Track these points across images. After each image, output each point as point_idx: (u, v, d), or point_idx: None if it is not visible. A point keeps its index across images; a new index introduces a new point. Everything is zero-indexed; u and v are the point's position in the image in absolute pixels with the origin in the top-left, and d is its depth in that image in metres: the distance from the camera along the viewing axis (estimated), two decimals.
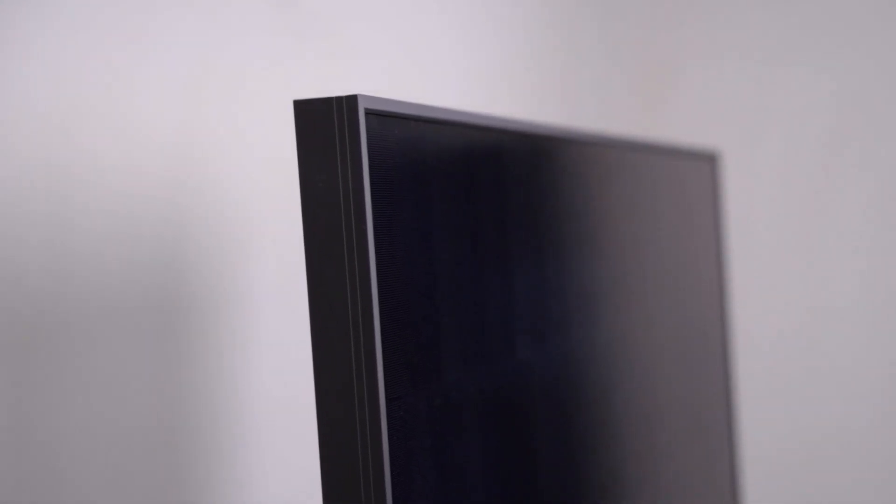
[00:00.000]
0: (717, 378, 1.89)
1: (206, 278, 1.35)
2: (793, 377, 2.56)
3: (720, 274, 1.94)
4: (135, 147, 1.27)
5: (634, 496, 1.47)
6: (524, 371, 1.15)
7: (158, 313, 1.29)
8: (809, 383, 2.55)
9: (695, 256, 1.78)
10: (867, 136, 2.47)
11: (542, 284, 1.21)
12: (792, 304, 2.55)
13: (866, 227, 2.49)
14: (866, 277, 2.49)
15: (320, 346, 0.89)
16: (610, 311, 1.41)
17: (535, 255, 1.20)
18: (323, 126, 0.89)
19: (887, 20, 2.46)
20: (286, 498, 1.44)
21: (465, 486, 1.01)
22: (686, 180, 1.81)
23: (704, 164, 1.90)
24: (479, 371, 1.05)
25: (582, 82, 2.26)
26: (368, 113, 0.90)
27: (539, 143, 1.21)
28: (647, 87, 2.54)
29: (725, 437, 1.91)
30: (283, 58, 1.46)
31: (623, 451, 1.43)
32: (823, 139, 2.50)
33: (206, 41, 1.35)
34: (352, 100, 0.88)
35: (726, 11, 2.57)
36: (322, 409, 0.89)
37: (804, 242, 2.54)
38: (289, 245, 1.47)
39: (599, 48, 2.33)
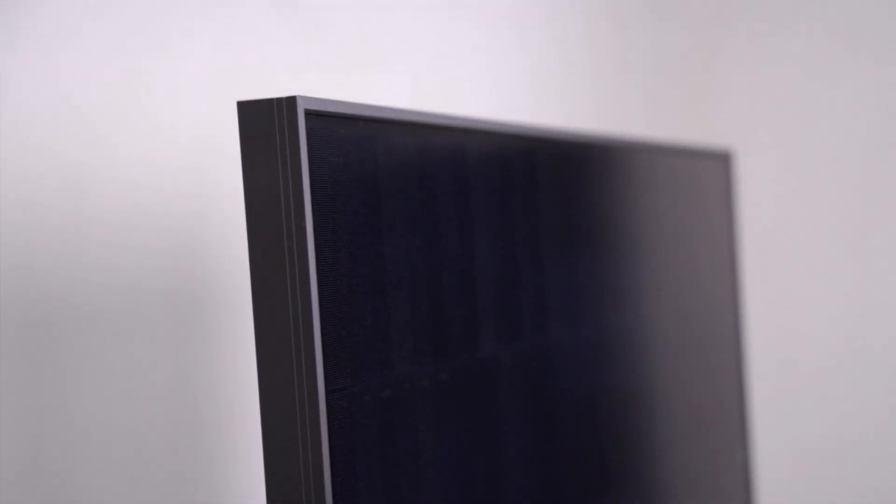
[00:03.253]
0: (729, 377, 1.90)
1: (224, 273, 1.38)
2: (805, 375, 2.55)
3: (733, 272, 1.94)
4: (153, 144, 1.31)
5: (621, 497, 1.48)
6: (490, 366, 1.17)
7: (176, 307, 1.32)
8: (821, 381, 2.54)
9: (707, 253, 1.79)
10: (892, 142, 2.46)
11: (517, 281, 1.23)
12: (803, 301, 2.54)
13: (882, 226, 2.47)
14: (879, 275, 2.48)
15: (263, 342, 0.92)
16: (602, 308, 1.43)
17: (509, 251, 1.22)
18: (264, 126, 0.92)
19: None
20: None
21: (417, 478, 1.04)
22: (700, 179, 1.82)
23: (718, 163, 1.91)
24: (438, 365, 1.08)
25: (607, 87, 2.27)
26: (309, 113, 0.93)
27: (496, 141, 1.23)
28: (685, 91, 2.54)
29: (738, 438, 1.92)
30: (301, 58, 1.49)
31: (608, 452, 1.44)
32: (859, 143, 2.50)
33: (224, 41, 1.38)
34: (291, 101, 0.91)
35: (768, 20, 2.57)
36: (265, 401, 0.92)
37: (816, 241, 2.53)
38: None
39: (637, 55, 2.34)
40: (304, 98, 0.92)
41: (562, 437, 1.32)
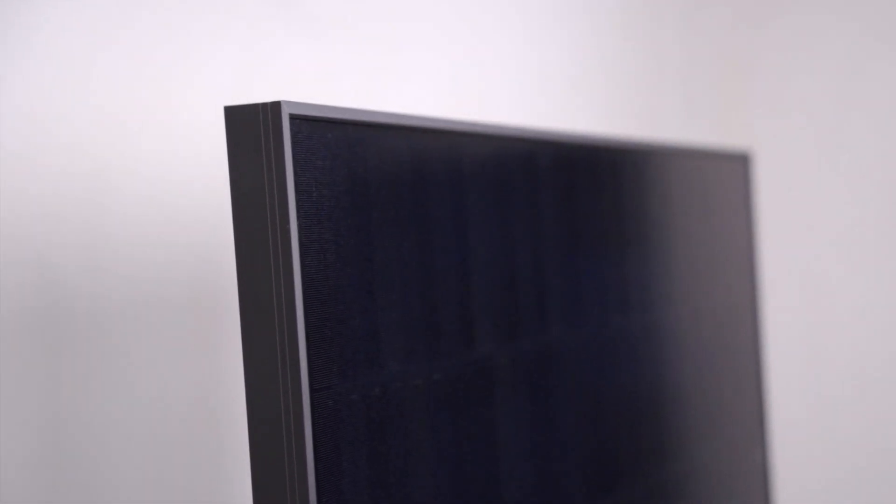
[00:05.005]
0: (748, 377, 1.90)
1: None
2: (823, 375, 2.54)
3: (752, 272, 1.94)
4: (175, 146, 1.33)
5: (638, 498, 1.49)
6: (488, 366, 1.19)
7: (196, 307, 1.34)
8: (838, 381, 2.53)
9: (728, 254, 1.80)
10: None
11: (520, 281, 1.25)
12: (823, 302, 2.53)
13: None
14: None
15: (249, 342, 0.94)
16: (612, 308, 1.44)
17: (509, 253, 1.24)
18: (250, 131, 0.94)
19: None
20: None
21: (407, 478, 1.06)
22: (720, 181, 1.82)
23: (737, 165, 1.91)
24: (431, 364, 1.09)
25: (640, 91, 2.27)
26: (294, 118, 0.95)
27: (492, 144, 1.25)
28: (718, 94, 2.55)
29: (757, 438, 1.92)
30: (326, 63, 1.51)
31: (621, 453, 1.45)
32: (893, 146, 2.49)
33: (248, 45, 1.41)
34: (276, 105, 0.94)
35: (802, 23, 2.57)
36: (251, 400, 0.94)
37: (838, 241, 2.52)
38: None
39: (670, 58, 2.35)
40: (289, 103, 0.94)
41: (567, 440, 1.33)
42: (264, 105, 0.94)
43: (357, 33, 1.60)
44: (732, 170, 1.88)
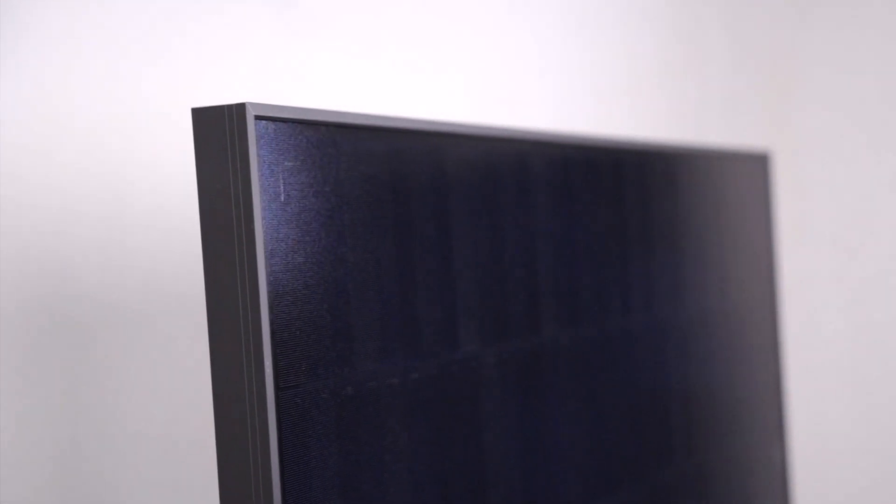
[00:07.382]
0: (767, 376, 1.89)
1: None
2: (840, 375, 2.52)
3: (771, 272, 1.93)
4: (189, 146, 1.35)
5: (655, 499, 1.48)
6: (472, 365, 1.19)
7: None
8: (855, 381, 2.51)
9: (747, 253, 1.78)
10: None
11: (503, 279, 1.25)
12: (842, 303, 2.51)
13: None
14: None
15: (216, 342, 0.95)
16: (612, 307, 1.44)
17: (501, 252, 1.24)
18: (216, 132, 0.95)
19: None
20: None
21: (381, 477, 1.06)
22: (740, 181, 1.81)
23: (756, 165, 1.90)
24: (407, 363, 1.10)
25: (679, 95, 2.26)
26: (259, 119, 0.96)
27: (477, 147, 1.25)
28: (767, 96, 2.53)
29: (776, 438, 1.90)
30: (348, 70, 1.52)
31: (613, 456, 1.45)
32: None
33: (268, 49, 1.42)
34: (241, 107, 0.94)
35: (846, 27, 2.55)
36: (218, 399, 0.95)
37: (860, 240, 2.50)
38: None
39: (709, 61, 2.34)
40: (255, 104, 0.95)
41: (568, 443, 1.33)
42: (229, 106, 0.95)
43: (371, 35, 1.61)
44: (752, 170, 1.87)
